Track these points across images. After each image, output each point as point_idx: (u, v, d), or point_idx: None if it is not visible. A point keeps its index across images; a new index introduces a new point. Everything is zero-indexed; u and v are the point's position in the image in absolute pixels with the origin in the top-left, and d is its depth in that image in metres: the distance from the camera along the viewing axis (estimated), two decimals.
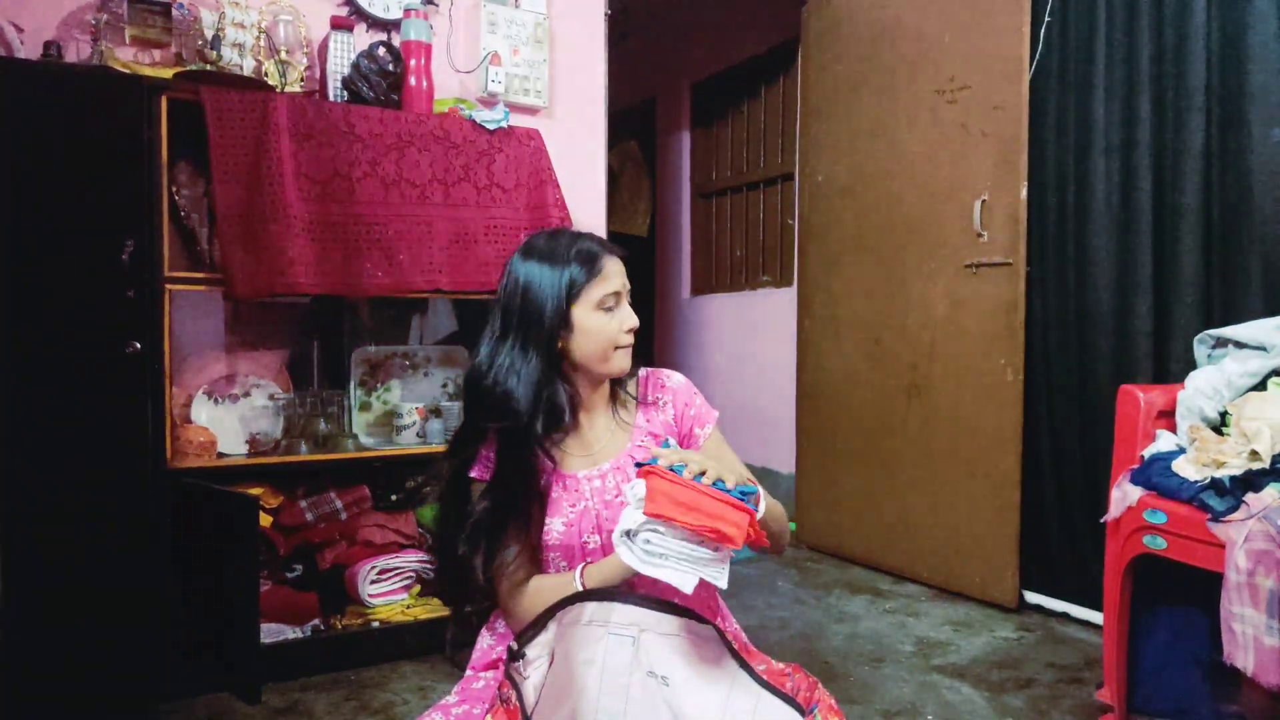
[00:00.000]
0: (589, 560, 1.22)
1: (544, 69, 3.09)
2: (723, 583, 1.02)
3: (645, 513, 0.99)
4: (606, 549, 1.22)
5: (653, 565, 1.00)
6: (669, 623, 1.13)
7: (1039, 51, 2.85)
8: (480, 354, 1.26)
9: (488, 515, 1.21)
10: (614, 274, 1.26)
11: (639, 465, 1.07)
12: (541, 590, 1.20)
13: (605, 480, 1.26)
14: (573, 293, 1.23)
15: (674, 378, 1.37)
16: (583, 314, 1.24)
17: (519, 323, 1.24)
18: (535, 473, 1.23)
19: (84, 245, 2.03)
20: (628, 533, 1.01)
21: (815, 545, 3.73)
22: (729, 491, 1.04)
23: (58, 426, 1.99)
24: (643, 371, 1.37)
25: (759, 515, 1.10)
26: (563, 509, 1.25)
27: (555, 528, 1.24)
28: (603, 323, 1.25)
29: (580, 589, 1.16)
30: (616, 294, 1.26)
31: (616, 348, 1.26)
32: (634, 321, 1.27)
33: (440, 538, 1.30)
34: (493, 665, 1.28)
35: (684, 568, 0.99)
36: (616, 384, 1.34)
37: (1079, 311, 2.77)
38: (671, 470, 1.04)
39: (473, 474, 1.26)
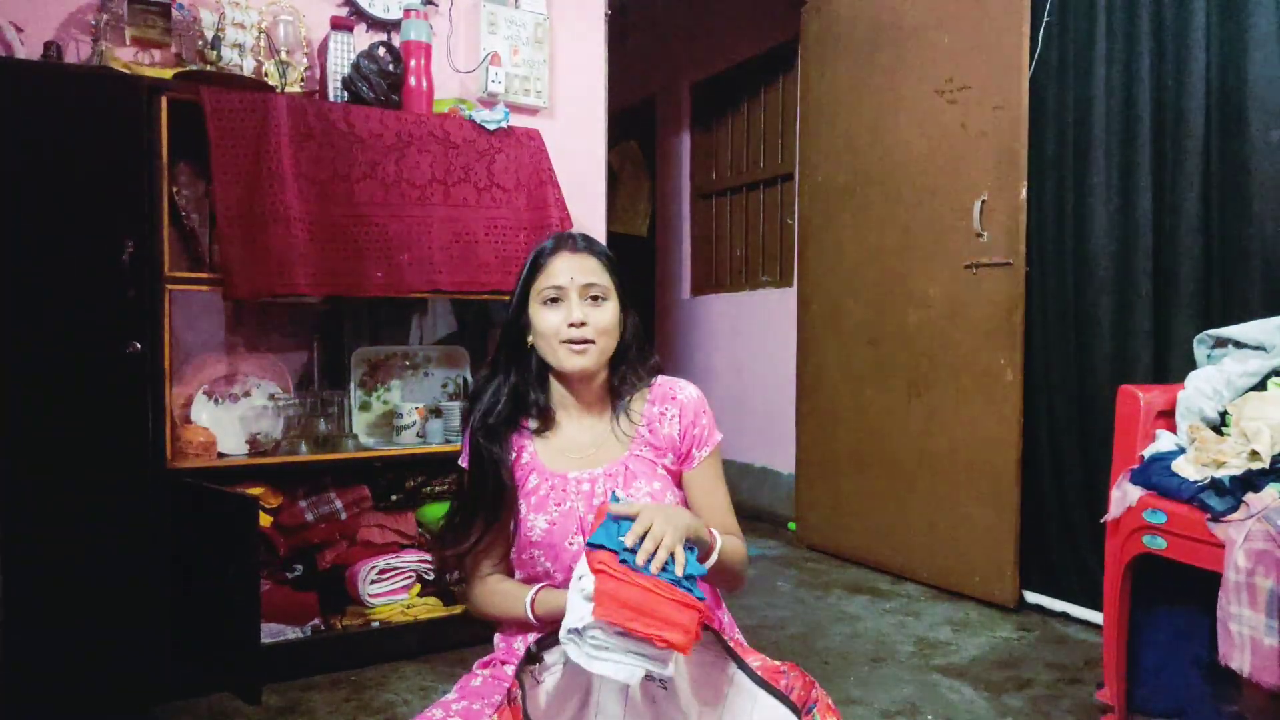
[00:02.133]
0: (552, 582, 1.24)
1: (544, 69, 3.09)
2: (668, 672, 1.00)
3: (594, 615, 0.98)
4: None
5: (599, 661, 0.99)
6: None
7: (1038, 51, 2.85)
8: None
9: (458, 501, 1.29)
10: (560, 270, 1.25)
11: (590, 545, 1.06)
12: (499, 593, 1.26)
13: (595, 485, 1.25)
14: (525, 288, 1.28)
15: (686, 389, 1.32)
16: (533, 310, 1.27)
17: (503, 326, 1.33)
18: (494, 464, 1.26)
19: (84, 245, 2.03)
20: (576, 630, 1.00)
21: (815, 545, 3.73)
22: (676, 581, 1.02)
23: (58, 426, 1.99)
24: (658, 379, 1.33)
25: (712, 561, 1.15)
26: (548, 507, 1.24)
27: (539, 524, 1.23)
28: (545, 317, 1.25)
29: (529, 610, 1.20)
30: (559, 288, 1.24)
31: (561, 342, 1.24)
32: (576, 316, 1.23)
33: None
34: (489, 663, 1.28)
35: (630, 660, 0.99)
36: (616, 388, 1.31)
37: (1079, 311, 2.77)
38: (619, 559, 1.02)
39: (461, 462, 1.32)
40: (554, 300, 1.25)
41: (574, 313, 1.23)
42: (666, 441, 1.30)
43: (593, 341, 1.24)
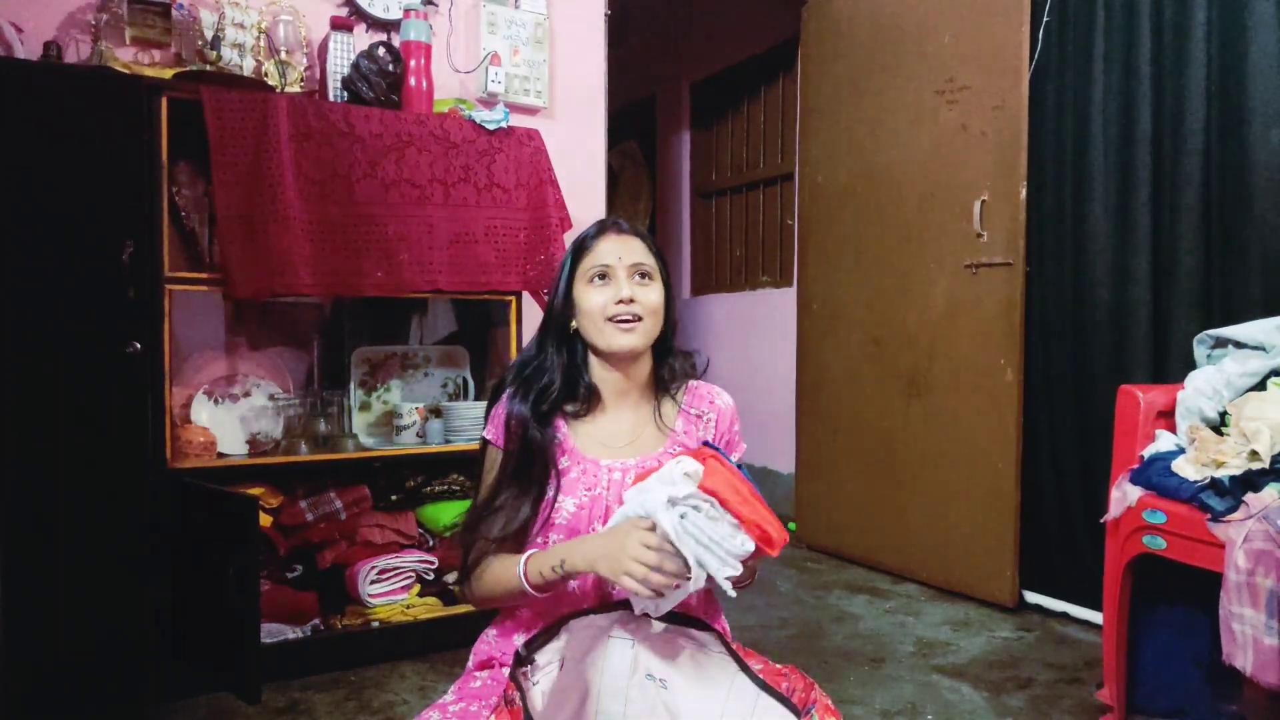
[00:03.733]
0: (540, 545, 1.22)
1: (544, 69, 3.09)
2: (736, 570, 0.99)
3: (701, 486, 0.95)
4: None
5: (685, 537, 0.97)
6: (669, 627, 1.13)
7: (1038, 51, 2.85)
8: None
9: (496, 484, 1.24)
10: (607, 250, 1.25)
11: (705, 444, 1.06)
12: (492, 567, 1.21)
13: (627, 475, 1.24)
14: (570, 272, 1.28)
15: (723, 396, 1.34)
16: (579, 290, 1.26)
17: (546, 310, 1.32)
18: (544, 447, 1.24)
19: (84, 245, 2.02)
20: (673, 501, 0.97)
21: (815, 545, 3.73)
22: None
23: (57, 427, 1.99)
24: (694, 382, 1.34)
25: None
26: (577, 491, 1.23)
27: (566, 507, 1.22)
28: (591, 295, 1.24)
29: (522, 574, 1.16)
30: (606, 266, 1.24)
31: (607, 320, 1.23)
32: (625, 293, 1.22)
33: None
34: (487, 664, 1.28)
35: (706, 555, 0.96)
36: (661, 383, 1.31)
37: (1078, 311, 2.77)
38: (729, 462, 1.02)
39: (485, 434, 1.29)
40: (601, 278, 1.24)
41: (622, 289, 1.23)
42: (699, 444, 1.29)
43: (640, 319, 1.23)
